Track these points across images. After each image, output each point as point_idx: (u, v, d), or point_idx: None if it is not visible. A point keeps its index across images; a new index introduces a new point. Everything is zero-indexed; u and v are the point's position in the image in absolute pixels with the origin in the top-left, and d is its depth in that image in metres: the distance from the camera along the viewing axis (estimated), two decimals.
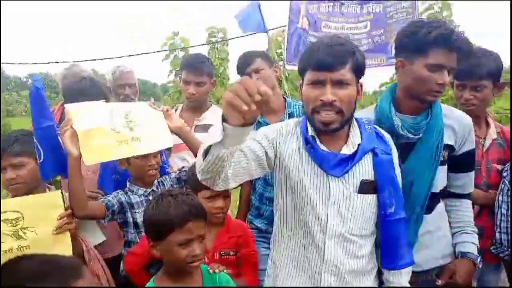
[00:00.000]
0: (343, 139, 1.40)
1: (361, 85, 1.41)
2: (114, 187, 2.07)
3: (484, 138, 2.03)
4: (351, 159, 1.35)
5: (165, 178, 2.00)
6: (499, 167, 1.93)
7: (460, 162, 1.73)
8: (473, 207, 1.91)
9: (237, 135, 1.09)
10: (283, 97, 2.40)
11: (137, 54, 7.50)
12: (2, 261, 1.47)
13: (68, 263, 1.08)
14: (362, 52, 1.41)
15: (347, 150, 1.37)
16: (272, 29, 5.79)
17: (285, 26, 3.71)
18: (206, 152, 1.17)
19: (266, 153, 1.40)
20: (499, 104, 5.05)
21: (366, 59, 3.49)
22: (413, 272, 1.55)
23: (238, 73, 2.36)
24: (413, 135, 1.65)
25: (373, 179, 1.37)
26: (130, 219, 1.88)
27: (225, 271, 1.58)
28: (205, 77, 2.52)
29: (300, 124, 1.46)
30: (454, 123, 1.70)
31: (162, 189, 1.91)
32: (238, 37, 4.90)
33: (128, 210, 1.87)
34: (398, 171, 1.48)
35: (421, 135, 1.65)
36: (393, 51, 3.72)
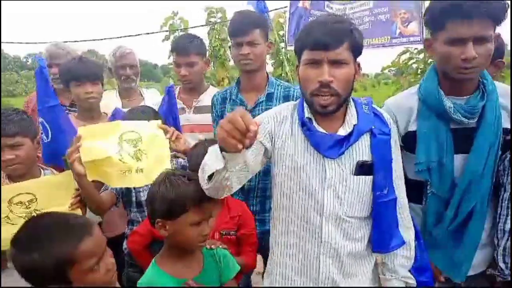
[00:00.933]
0: (340, 120, 1.38)
1: (359, 65, 1.37)
2: None
3: None
4: (347, 140, 1.34)
5: (172, 159, 1.96)
6: None
7: None
8: None
9: (237, 158, 1.17)
10: (267, 74, 2.21)
11: (137, 35, 7.42)
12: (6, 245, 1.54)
13: (81, 221, 1.20)
14: (360, 31, 1.36)
15: (343, 131, 1.35)
16: (273, 9, 5.71)
17: (286, 7, 3.65)
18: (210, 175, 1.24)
19: (265, 148, 1.41)
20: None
21: (368, 38, 3.49)
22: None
23: (231, 37, 2.15)
24: (467, 119, 1.53)
25: (370, 160, 1.35)
26: (134, 198, 1.89)
27: (220, 246, 1.60)
28: (195, 57, 2.41)
29: (297, 107, 1.44)
30: (508, 102, 1.57)
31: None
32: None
33: (133, 189, 1.89)
34: (398, 153, 1.46)
35: (476, 119, 1.53)
36: (398, 31, 3.72)
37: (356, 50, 1.32)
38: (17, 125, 1.74)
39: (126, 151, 1.72)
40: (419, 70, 7.04)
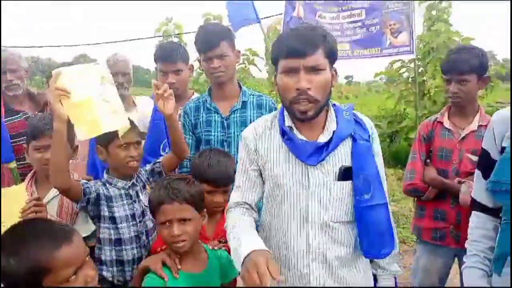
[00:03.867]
0: (320, 128, 1.38)
1: (335, 71, 1.38)
2: (104, 173, 2.03)
3: (463, 129, 2.09)
4: (326, 147, 1.34)
5: (141, 170, 1.88)
6: (473, 157, 1.99)
7: None
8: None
9: None
10: (239, 85, 2.23)
11: (130, 40, 7.46)
12: None
13: (63, 229, 1.15)
14: (333, 37, 1.37)
15: (323, 138, 1.36)
16: (269, 16, 5.78)
17: (281, 14, 3.69)
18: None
19: (259, 169, 1.45)
20: (491, 98, 5.15)
21: (360, 50, 3.56)
22: None
23: (198, 52, 2.14)
24: None
25: (351, 165, 1.36)
26: (106, 213, 1.73)
27: (223, 248, 1.62)
28: (181, 64, 2.41)
29: (276, 117, 1.45)
30: None
31: (139, 182, 1.83)
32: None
33: (105, 203, 1.73)
34: (378, 158, 1.45)
35: None
36: (388, 42, 3.80)
37: (331, 56, 1.33)
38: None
39: (110, 92, 1.65)
40: (410, 79, 7.17)
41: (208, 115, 2.14)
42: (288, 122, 1.39)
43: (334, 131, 1.36)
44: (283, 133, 1.38)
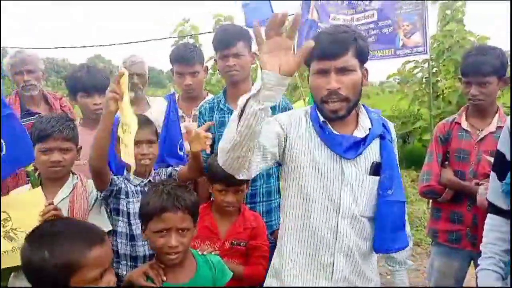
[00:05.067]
0: (353, 124, 1.43)
1: (366, 70, 1.41)
2: (120, 172, 2.04)
3: (482, 130, 2.06)
4: (363, 142, 1.39)
5: (161, 170, 1.93)
6: (491, 159, 1.96)
7: None
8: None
9: (275, 84, 1.15)
10: (252, 84, 2.28)
11: (145, 41, 7.52)
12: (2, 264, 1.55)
13: (95, 229, 1.18)
14: (364, 37, 1.40)
15: (358, 133, 1.40)
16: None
17: (293, 14, 3.68)
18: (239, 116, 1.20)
19: (285, 138, 1.42)
20: (507, 98, 5.04)
21: (373, 51, 3.53)
22: None
23: (216, 51, 2.17)
24: None
25: (380, 161, 1.41)
26: (124, 208, 1.79)
27: (213, 253, 1.58)
28: (198, 66, 2.45)
29: (308, 112, 1.48)
30: None
31: (157, 181, 1.83)
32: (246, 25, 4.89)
33: (124, 198, 1.80)
34: (396, 160, 1.47)
35: None
36: (401, 43, 3.77)
37: (362, 56, 1.37)
38: (70, 131, 1.81)
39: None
40: (424, 79, 7.10)
41: (222, 115, 2.15)
42: (321, 118, 1.42)
43: (370, 128, 1.41)
44: (319, 126, 1.41)
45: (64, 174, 1.84)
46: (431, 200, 2.33)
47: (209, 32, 6.26)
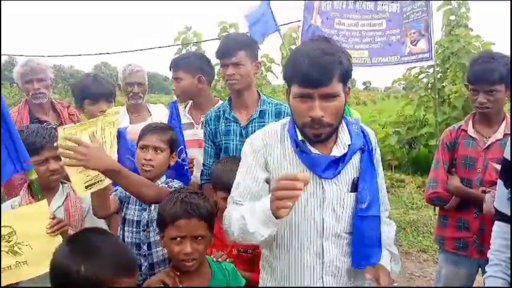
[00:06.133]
0: (333, 141, 1.37)
1: (349, 88, 1.35)
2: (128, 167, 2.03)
3: (488, 137, 2.05)
4: (342, 160, 1.34)
5: (169, 182, 1.88)
6: (498, 166, 1.96)
7: None
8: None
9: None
10: (258, 93, 2.24)
11: (149, 48, 7.60)
12: (2, 280, 1.54)
13: (132, 257, 1.20)
14: (347, 55, 1.32)
15: (337, 151, 1.35)
16: (286, 24, 5.82)
17: (299, 21, 3.72)
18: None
19: (266, 180, 1.40)
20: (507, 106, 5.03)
21: (379, 57, 3.54)
22: None
23: (217, 58, 2.22)
24: None
25: (357, 176, 1.37)
26: (123, 213, 1.82)
27: (227, 260, 1.59)
28: (181, 73, 2.47)
29: (286, 127, 1.42)
30: None
31: None
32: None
33: (125, 204, 1.82)
34: (380, 170, 1.44)
35: None
36: (407, 50, 3.78)
37: (346, 78, 1.30)
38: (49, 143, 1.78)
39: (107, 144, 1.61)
40: (429, 85, 7.08)
41: (227, 124, 2.17)
42: (300, 136, 1.37)
43: (349, 145, 1.36)
44: (297, 145, 1.37)
45: (52, 185, 1.86)
46: (438, 208, 2.32)
47: (212, 40, 6.32)
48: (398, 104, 8.29)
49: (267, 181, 1.41)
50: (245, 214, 1.28)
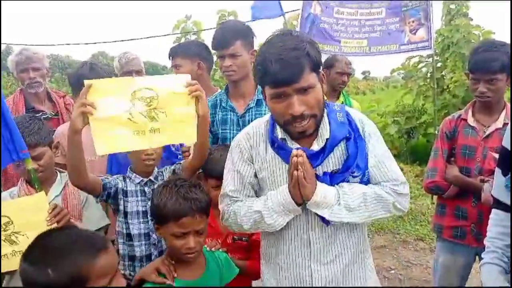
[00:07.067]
0: (314, 134, 1.36)
1: (323, 74, 1.34)
2: (122, 171, 2.04)
3: (488, 127, 2.05)
4: (322, 153, 1.33)
5: (165, 169, 1.89)
6: (497, 155, 1.95)
7: None
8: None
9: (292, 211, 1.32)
10: (255, 81, 2.15)
11: (147, 37, 7.54)
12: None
13: (96, 236, 1.15)
14: (315, 44, 1.30)
15: (316, 146, 1.34)
16: (287, 12, 5.78)
17: (299, 9, 3.69)
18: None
19: (254, 174, 1.43)
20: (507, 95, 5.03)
21: (378, 46, 3.53)
22: None
23: (213, 49, 2.19)
24: None
25: (338, 168, 1.35)
26: (122, 207, 1.77)
27: (220, 250, 1.60)
28: (180, 60, 2.43)
29: (268, 124, 1.42)
30: None
31: (160, 180, 1.82)
32: (251, 20, 4.88)
33: (122, 198, 1.78)
34: (378, 143, 1.41)
35: None
36: (406, 39, 3.76)
37: (317, 65, 1.29)
38: (36, 136, 1.75)
39: (138, 110, 1.56)
40: (429, 74, 7.06)
41: (224, 113, 2.16)
42: (280, 134, 1.36)
43: (327, 139, 1.34)
44: (272, 142, 1.37)
45: (48, 176, 1.83)
46: (436, 196, 2.33)
47: (211, 29, 6.27)
48: (397, 93, 8.27)
49: (256, 176, 1.43)
50: (258, 208, 1.35)
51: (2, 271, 1.57)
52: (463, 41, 5.96)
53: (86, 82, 1.54)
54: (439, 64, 6.49)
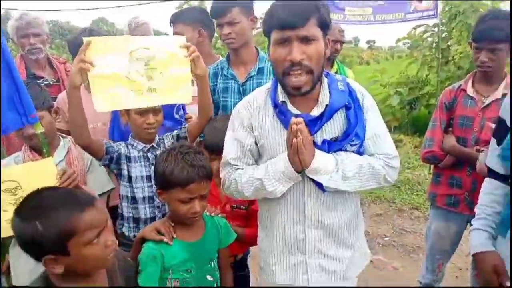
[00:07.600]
0: (315, 100, 1.38)
1: (329, 40, 1.35)
2: (124, 138, 1.98)
3: (487, 97, 2.02)
4: (320, 119, 1.35)
5: (167, 135, 1.93)
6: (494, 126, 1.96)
7: None
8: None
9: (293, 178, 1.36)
10: (256, 49, 2.20)
11: (149, 2, 7.37)
12: (3, 232, 1.53)
13: (84, 194, 1.20)
14: (327, 6, 1.33)
15: (316, 111, 1.36)
16: None
17: None
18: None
19: (255, 142, 1.46)
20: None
21: (383, 14, 3.46)
22: None
23: (212, 17, 2.19)
24: None
25: (337, 136, 1.37)
26: (126, 172, 1.82)
27: (219, 215, 1.64)
28: (182, 26, 2.37)
29: (270, 90, 1.44)
30: None
31: (162, 147, 1.86)
32: None
33: (125, 163, 1.82)
34: (373, 126, 1.41)
35: None
36: (412, 7, 3.68)
37: (324, 26, 1.30)
38: (35, 101, 1.73)
39: (136, 69, 1.59)
40: (434, 44, 6.93)
41: (225, 81, 2.16)
42: (281, 96, 1.38)
43: (326, 105, 1.36)
44: (275, 106, 1.39)
45: (50, 141, 1.83)
46: (432, 166, 2.37)
47: None
48: (402, 64, 8.16)
49: (256, 143, 1.46)
50: (259, 176, 1.39)
51: (5, 235, 1.58)
52: (470, 10, 5.81)
53: (85, 39, 1.54)
54: (444, 34, 6.36)
